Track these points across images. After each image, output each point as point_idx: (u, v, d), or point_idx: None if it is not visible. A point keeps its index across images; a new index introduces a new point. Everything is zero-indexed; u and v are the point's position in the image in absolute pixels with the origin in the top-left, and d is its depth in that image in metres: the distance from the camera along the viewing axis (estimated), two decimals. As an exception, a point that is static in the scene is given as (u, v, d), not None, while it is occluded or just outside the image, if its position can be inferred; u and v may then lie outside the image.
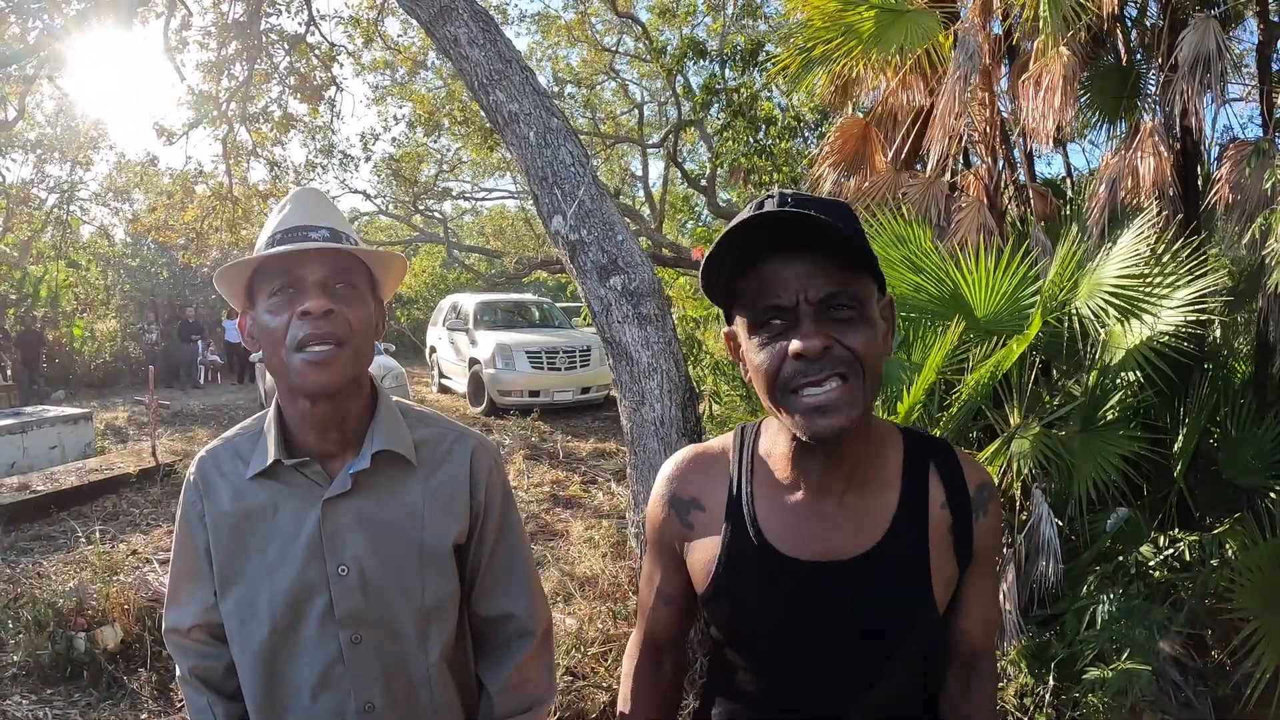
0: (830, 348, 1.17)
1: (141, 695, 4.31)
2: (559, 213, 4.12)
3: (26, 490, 7.82)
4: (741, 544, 1.36)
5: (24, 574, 6.08)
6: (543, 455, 10.35)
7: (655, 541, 1.50)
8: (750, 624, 1.37)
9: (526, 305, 17.37)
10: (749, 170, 11.98)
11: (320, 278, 1.45)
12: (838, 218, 1.18)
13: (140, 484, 8.56)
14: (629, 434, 4.11)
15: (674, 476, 1.48)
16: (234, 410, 15.14)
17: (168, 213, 16.97)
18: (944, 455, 1.40)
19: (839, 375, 1.18)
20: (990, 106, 5.39)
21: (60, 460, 9.54)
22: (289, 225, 1.48)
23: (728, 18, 15.73)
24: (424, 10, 4.43)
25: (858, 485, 1.34)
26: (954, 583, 1.36)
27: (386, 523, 1.53)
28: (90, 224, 27.76)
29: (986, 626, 1.46)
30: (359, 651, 1.50)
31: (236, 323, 1.61)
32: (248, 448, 1.57)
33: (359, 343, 1.48)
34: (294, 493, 1.52)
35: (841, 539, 1.32)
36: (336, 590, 1.48)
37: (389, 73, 17.68)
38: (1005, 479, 4.07)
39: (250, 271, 1.50)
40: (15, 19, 9.47)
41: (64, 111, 21.24)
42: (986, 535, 1.38)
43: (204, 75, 13.42)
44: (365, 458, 1.52)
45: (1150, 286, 4.15)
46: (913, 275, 4.50)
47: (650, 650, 1.58)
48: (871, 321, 1.22)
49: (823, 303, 1.18)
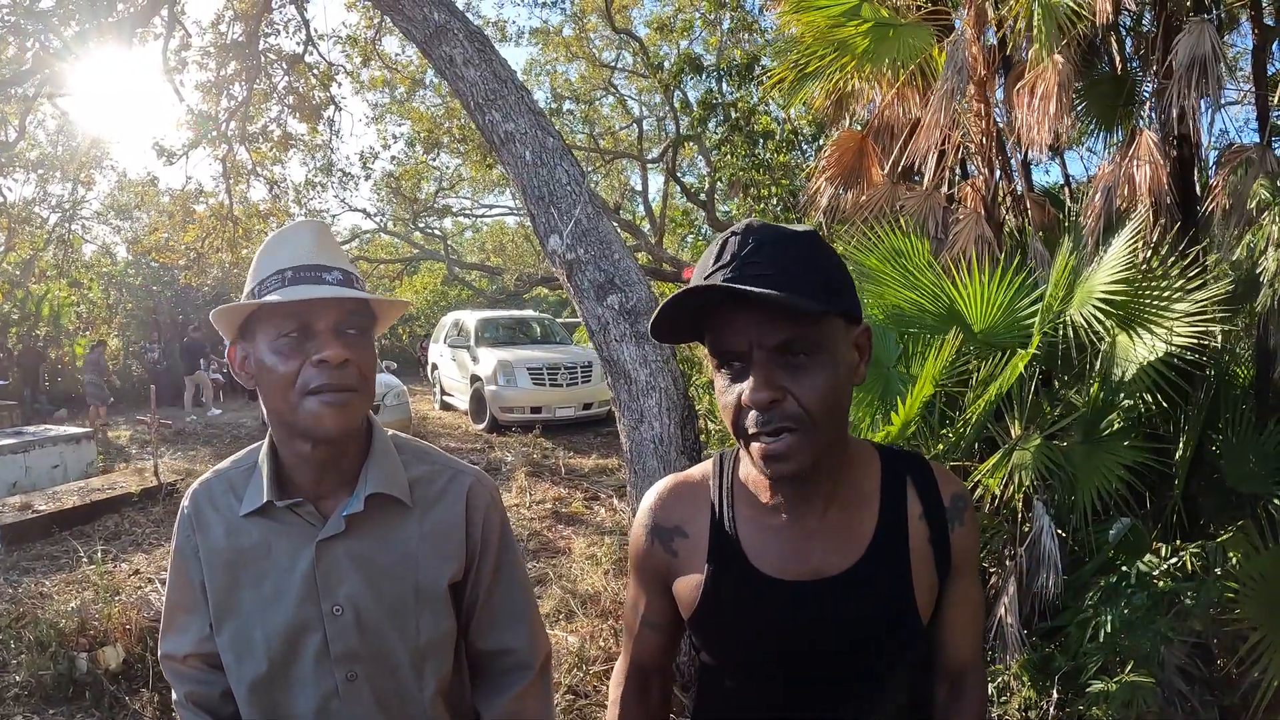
0: (780, 401, 1.18)
1: (144, 716, 4.31)
2: (555, 231, 4.13)
3: (29, 510, 7.83)
4: (727, 568, 1.37)
5: (26, 594, 6.07)
6: (545, 472, 10.33)
7: (640, 570, 1.51)
8: (738, 646, 1.38)
9: (528, 322, 17.36)
10: (747, 184, 12.02)
11: (332, 324, 1.42)
12: (799, 264, 1.18)
13: (142, 503, 8.55)
14: (628, 452, 4.11)
15: (656, 506, 1.48)
16: (236, 429, 15.16)
17: (168, 233, 17.02)
18: (919, 469, 1.41)
19: (787, 429, 1.19)
20: (986, 117, 5.40)
21: (62, 479, 9.55)
22: (301, 263, 1.44)
23: (724, 33, 15.80)
24: (419, 31, 4.45)
25: (838, 504, 1.35)
26: (935, 593, 1.38)
27: (381, 563, 1.51)
28: (92, 242, 27.83)
29: (971, 638, 1.46)
30: (355, 688, 1.49)
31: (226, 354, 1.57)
32: (241, 482, 1.56)
33: (368, 390, 1.48)
34: (288, 531, 1.50)
35: (824, 557, 1.33)
36: (331, 629, 1.48)
37: (388, 91, 17.75)
38: (1007, 491, 4.06)
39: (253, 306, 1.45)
40: (14, 39, 9.52)
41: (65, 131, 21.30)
42: (963, 544, 1.39)
43: (203, 95, 13.49)
44: (359, 500, 1.49)
45: (1145, 294, 4.15)
46: (908, 291, 4.50)
47: (637, 676, 1.58)
48: (830, 364, 1.21)
49: (776, 350, 1.18)
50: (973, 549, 1.43)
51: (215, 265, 18.57)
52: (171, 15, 11.30)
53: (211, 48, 12.91)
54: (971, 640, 1.46)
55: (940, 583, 1.38)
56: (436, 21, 4.39)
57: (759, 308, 1.17)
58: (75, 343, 20.87)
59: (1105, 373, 4.21)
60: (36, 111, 15.05)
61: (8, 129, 14.04)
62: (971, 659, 1.46)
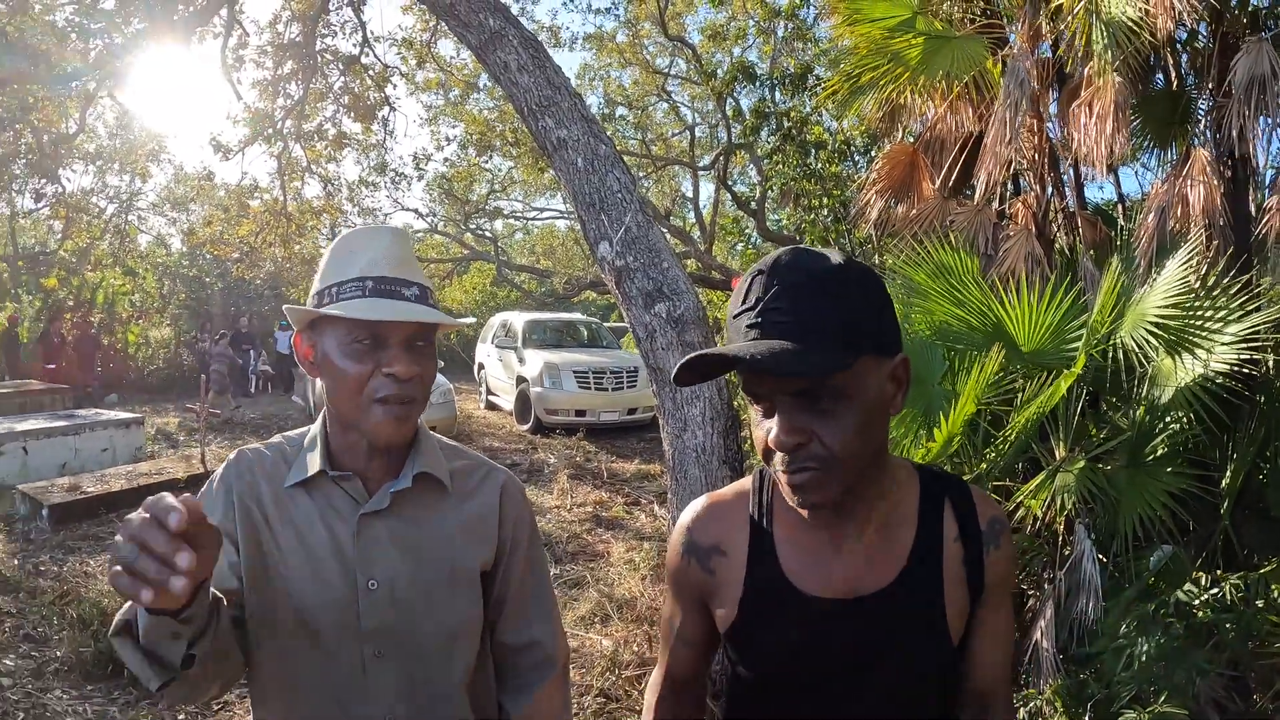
0: (804, 445, 1.19)
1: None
2: (605, 238, 4.15)
3: (77, 491, 8.00)
4: (764, 584, 1.39)
5: (71, 572, 6.24)
6: (587, 475, 10.37)
7: (676, 587, 1.53)
8: (773, 661, 1.40)
9: (575, 325, 17.44)
10: (798, 194, 11.94)
11: (406, 337, 1.46)
12: (829, 306, 1.17)
13: (188, 489, 8.55)
14: (670, 460, 4.12)
15: (692, 525, 1.50)
16: (283, 420, 15.39)
17: (223, 226, 17.30)
18: (958, 491, 1.42)
19: (811, 469, 1.20)
20: (1039, 133, 5.35)
21: (111, 463, 9.77)
22: (382, 274, 1.47)
23: (778, 41, 15.76)
24: (474, 36, 4.49)
25: (876, 523, 1.36)
26: (966, 615, 1.38)
27: (419, 542, 1.55)
28: (147, 233, 28.39)
29: (1000, 663, 1.46)
30: (381, 665, 1.52)
31: (290, 337, 1.61)
32: (289, 456, 1.60)
33: (427, 396, 1.54)
34: (330, 505, 1.54)
35: (860, 576, 1.35)
36: (364, 604, 1.50)
37: (442, 93, 17.90)
38: (1049, 513, 4.01)
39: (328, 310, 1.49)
40: (78, 37, 9.73)
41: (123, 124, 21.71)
42: (997, 568, 1.39)
43: (260, 93, 13.70)
44: (407, 478, 1.55)
45: (1198, 319, 4.08)
46: (955, 308, 4.47)
47: (672, 687, 1.61)
48: (857, 406, 1.20)
49: (799, 396, 1.19)
50: (1007, 574, 1.43)
51: (268, 259, 18.86)
52: (231, 14, 11.52)
53: (269, 47, 13.13)
54: (1000, 665, 1.46)
55: (971, 606, 1.38)
56: (492, 27, 4.43)
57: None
58: (128, 330, 21.25)
59: (1151, 397, 4.15)
60: (96, 105, 15.35)
61: (68, 122, 14.38)
62: (999, 684, 1.46)
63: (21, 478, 8.68)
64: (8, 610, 5.37)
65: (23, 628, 5.12)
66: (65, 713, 4.22)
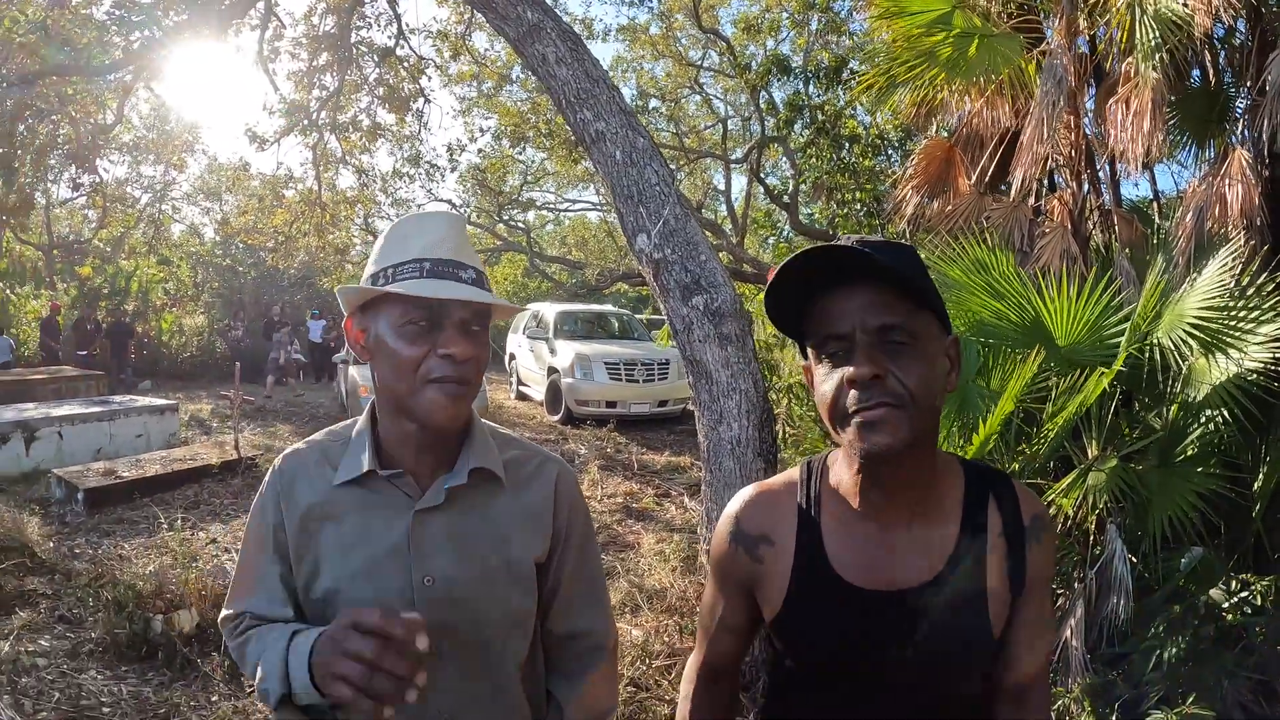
0: (882, 377, 1.23)
1: (213, 679, 4.44)
2: (643, 231, 4.16)
3: (112, 475, 8.07)
4: (811, 574, 1.41)
5: (106, 555, 6.30)
6: (617, 466, 10.38)
7: (721, 575, 1.55)
8: (818, 651, 1.42)
9: (606, 316, 17.40)
10: (832, 188, 11.92)
11: (461, 319, 1.45)
12: (900, 259, 1.25)
13: (222, 475, 8.77)
14: (705, 452, 4.13)
15: (740, 514, 1.52)
16: (314, 408, 15.47)
17: (257, 216, 17.46)
18: (1002, 486, 1.44)
19: (888, 404, 1.24)
20: (1076, 129, 5.32)
21: (145, 448, 9.88)
22: (439, 256, 1.47)
23: (812, 34, 15.69)
24: (512, 29, 4.51)
25: (922, 516, 1.38)
26: (1008, 610, 1.40)
27: (475, 537, 1.54)
28: (181, 223, 28.75)
29: (1038, 658, 1.47)
30: (439, 660, 1.47)
31: (323, 326, 1.59)
32: (336, 453, 1.58)
33: (480, 380, 1.52)
34: (383, 502, 1.53)
35: (906, 568, 1.37)
36: (421, 601, 1.49)
37: (475, 85, 17.95)
38: (1080, 511, 4.00)
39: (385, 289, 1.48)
40: (117, 30, 9.86)
41: (159, 115, 21.98)
42: (1038, 563, 1.41)
43: (295, 85, 13.80)
44: (462, 474, 1.53)
45: (1234, 320, 4.05)
46: (993, 301, 4.46)
47: (709, 675, 1.63)
48: (928, 357, 1.28)
49: (878, 332, 1.24)
50: (1048, 570, 1.45)
51: (301, 249, 19.02)
52: (267, 7, 11.63)
53: (304, 39, 13.22)
54: (1038, 660, 1.47)
55: (1013, 600, 1.40)
56: (530, 20, 4.45)
57: (864, 292, 1.25)
58: (162, 318, 21.49)
59: (1185, 396, 4.12)
60: (133, 96, 15.54)
61: (106, 113, 14.58)
62: (1037, 679, 1.47)
63: (57, 462, 8.79)
64: (43, 592, 5.45)
65: (58, 609, 5.20)
66: (100, 693, 4.28)
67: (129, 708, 4.19)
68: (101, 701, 4.22)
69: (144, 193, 27.14)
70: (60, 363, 16.64)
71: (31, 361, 17.59)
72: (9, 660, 4.40)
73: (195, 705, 4.24)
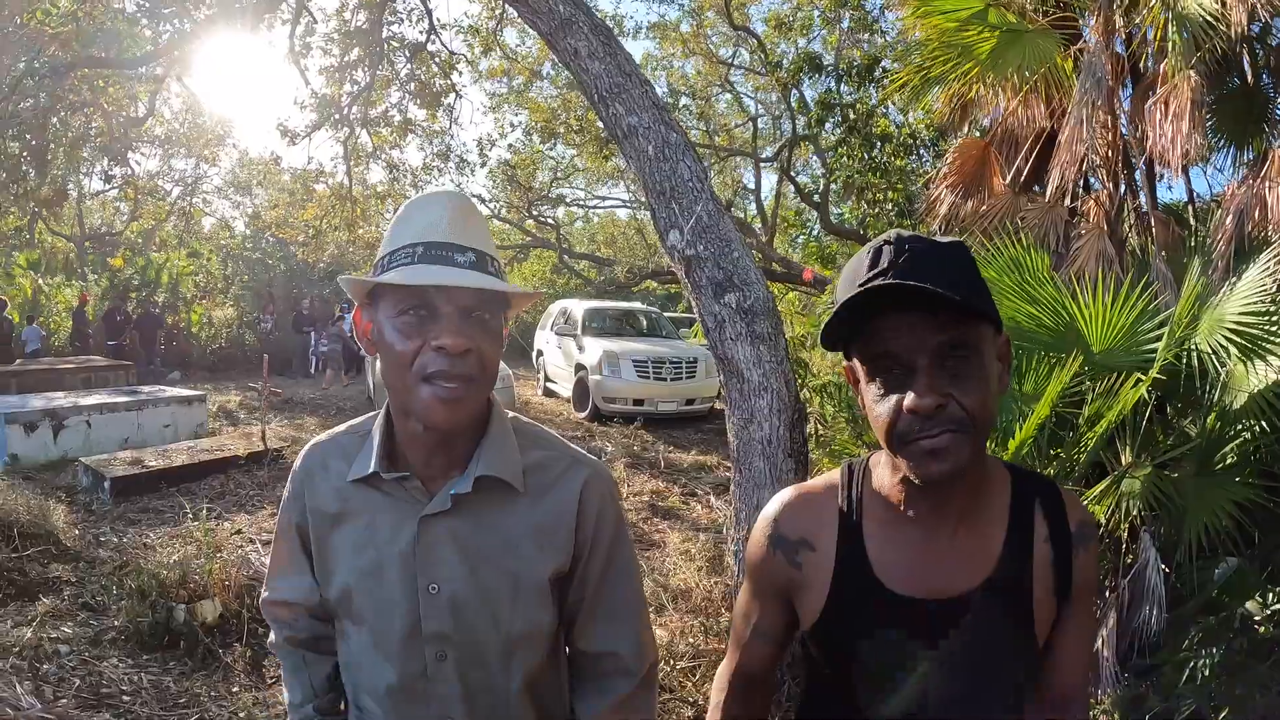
0: (944, 405, 1.19)
1: (235, 669, 4.48)
2: (676, 227, 4.12)
3: (139, 464, 8.13)
4: (853, 581, 1.37)
5: (131, 544, 6.37)
6: (644, 464, 10.38)
7: (757, 580, 1.50)
8: (859, 659, 1.38)
9: (635, 314, 17.38)
10: (863, 187, 11.85)
11: (458, 307, 1.34)
12: (953, 270, 1.20)
13: (248, 466, 8.82)
14: (735, 451, 4.09)
15: (779, 517, 1.47)
16: (342, 401, 15.56)
17: (288, 210, 17.59)
18: (1049, 492, 1.40)
19: (950, 431, 1.19)
20: (1112, 130, 5.23)
21: (172, 438, 10.00)
22: (432, 239, 1.36)
23: (844, 32, 15.60)
24: (544, 23, 4.48)
25: (968, 522, 1.35)
26: (1053, 617, 1.37)
27: (482, 547, 1.46)
28: (212, 216, 29.04)
29: (1080, 667, 1.44)
30: (443, 668, 1.47)
31: (352, 316, 1.53)
32: (354, 448, 1.52)
33: (489, 379, 1.40)
34: (392, 504, 1.46)
35: (950, 575, 1.33)
36: (425, 607, 1.44)
37: (506, 81, 17.99)
38: (1113, 519, 3.94)
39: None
40: (148, 22, 9.94)
41: (191, 109, 22.18)
42: (1084, 571, 1.38)
43: (327, 79, 13.87)
44: (468, 481, 1.43)
45: (1275, 325, 3.96)
46: (1027, 305, 4.39)
47: (741, 681, 1.58)
48: (986, 369, 1.23)
49: (937, 352, 1.19)
50: (1093, 577, 1.42)
51: (332, 243, 19.15)
52: (299, 2, 11.66)
53: (336, 34, 13.28)
54: (1080, 669, 1.44)
55: (1058, 608, 1.37)
56: (562, 14, 4.42)
57: (919, 310, 1.18)
58: (192, 310, 21.70)
59: (1223, 404, 4.04)
60: (164, 90, 15.69)
61: (138, 106, 14.71)
62: (1078, 688, 1.45)
63: (84, 451, 8.88)
64: (67, 579, 5.50)
65: (82, 596, 5.25)
66: (120, 681, 4.30)
67: (149, 696, 4.21)
68: (122, 690, 4.24)
69: (175, 186, 27.43)
70: (86, 352, 16.82)
71: (62, 351, 17.81)
72: (31, 646, 4.43)
73: (216, 695, 4.26)
